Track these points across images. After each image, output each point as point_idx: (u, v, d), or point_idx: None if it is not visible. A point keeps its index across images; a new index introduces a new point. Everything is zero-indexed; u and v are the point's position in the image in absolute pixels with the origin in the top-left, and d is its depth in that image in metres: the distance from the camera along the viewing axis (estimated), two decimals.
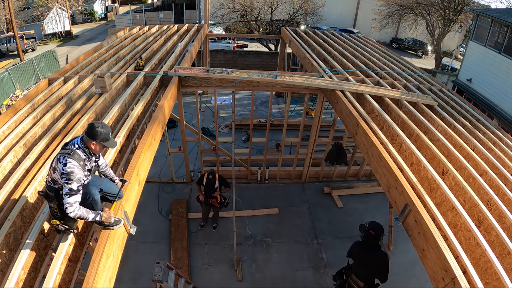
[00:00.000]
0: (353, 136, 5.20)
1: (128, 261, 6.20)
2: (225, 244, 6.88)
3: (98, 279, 2.44)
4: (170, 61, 7.06)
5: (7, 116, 4.29)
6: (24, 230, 2.85)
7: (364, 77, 6.71)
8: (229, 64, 17.49)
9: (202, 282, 6.03)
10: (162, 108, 4.81)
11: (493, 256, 2.81)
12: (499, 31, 12.27)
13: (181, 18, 29.40)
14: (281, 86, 6.72)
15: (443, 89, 6.94)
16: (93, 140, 2.57)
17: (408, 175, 3.78)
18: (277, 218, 7.69)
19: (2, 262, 2.53)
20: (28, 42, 22.75)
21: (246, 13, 20.47)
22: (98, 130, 2.56)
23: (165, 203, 7.90)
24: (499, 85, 12.06)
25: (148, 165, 4.10)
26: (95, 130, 2.56)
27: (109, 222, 2.75)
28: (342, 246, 7.01)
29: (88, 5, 35.63)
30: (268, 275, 6.35)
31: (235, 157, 7.87)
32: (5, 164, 3.33)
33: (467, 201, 3.51)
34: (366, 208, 8.10)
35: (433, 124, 5.09)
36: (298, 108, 13.43)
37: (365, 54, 8.71)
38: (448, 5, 17.99)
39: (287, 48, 12.31)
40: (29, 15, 27.86)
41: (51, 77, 5.85)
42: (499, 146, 4.86)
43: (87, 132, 2.57)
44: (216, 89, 6.60)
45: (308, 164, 8.65)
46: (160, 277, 4.13)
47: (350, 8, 29.21)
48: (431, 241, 3.01)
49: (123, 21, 27.80)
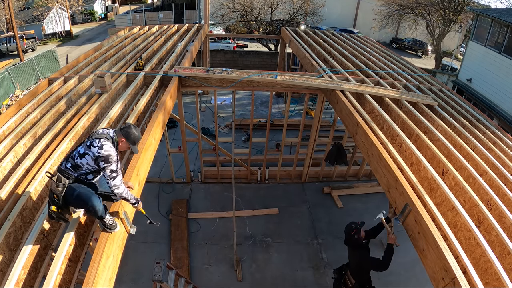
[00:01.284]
0: (353, 136, 5.20)
1: (128, 261, 6.20)
2: (225, 244, 6.88)
3: (98, 279, 2.44)
4: (170, 61, 7.06)
5: (7, 116, 4.29)
6: (24, 230, 2.85)
7: (364, 77, 6.71)
8: (229, 64, 17.48)
9: (202, 282, 6.03)
10: (162, 108, 4.81)
11: (493, 256, 2.81)
12: (499, 31, 12.27)
13: (181, 18, 29.38)
14: (281, 86, 6.72)
15: (443, 89, 6.94)
16: (125, 138, 2.71)
17: (408, 175, 3.78)
18: (277, 218, 7.69)
19: (2, 262, 2.53)
20: (28, 42, 22.73)
21: (246, 13, 20.46)
22: (133, 132, 2.73)
23: (165, 203, 7.90)
24: (499, 85, 12.06)
25: (148, 165, 4.10)
26: (131, 130, 2.72)
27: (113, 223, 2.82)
28: (342, 246, 6.95)
29: (88, 5, 35.61)
30: (268, 275, 6.35)
31: (235, 157, 7.87)
32: (5, 164, 3.33)
33: (467, 201, 3.51)
34: (366, 208, 8.09)
35: (433, 124, 5.09)
36: (298, 108, 13.44)
37: (365, 54, 8.71)
38: (448, 5, 17.99)
39: (287, 48, 12.30)
40: (29, 15, 27.83)
41: (51, 77, 5.85)
42: (499, 146, 4.86)
43: (123, 129, 2.72)
44: (216, 89, 6.60)
45: (308, 164, 8.65)
46: (160, 277, 4.13)
47: (350, 8, 29.18)
48: (431, 241, 3.01)
49: (123, 21, 27.78)
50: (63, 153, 3.62)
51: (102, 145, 2.53)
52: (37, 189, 3.14)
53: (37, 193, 3.14)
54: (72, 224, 2.80)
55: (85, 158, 2.54)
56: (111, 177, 2.60)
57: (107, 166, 2.54)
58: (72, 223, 2.81)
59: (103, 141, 2.55)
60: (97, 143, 2.53)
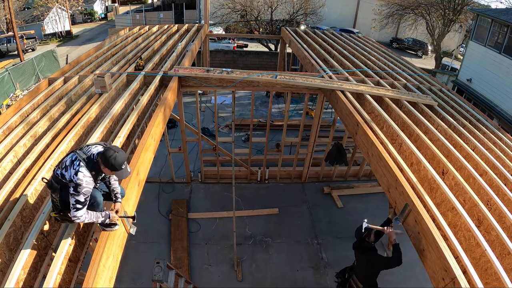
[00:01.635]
0: (353, 136, 5.20)
1: (128, 261, 6.20)
2: (225, 244, 6.88)
3: (98, 279, 2.44)
4: (170, 61, 7.06)
5: (8, 116, 4.29)
6: (24, 230, 2.85)
7: (364, 77, 6.71)
8: (229, 64, 17.48)
9: (202, 282, 6.04)
10: (162, 108, 4.81)
11: (493, 256, 2.81)
12: (499, 31, 12.27)
13: (181, 18, 29.38)
14: (281, 86, 6.72)
15: (443, 89, 6.94)
16: (104, 165, 2.49)
17: (408, 175, 3.78)
18: (277, 218, 7.69)
19: (2, 262, 2.53)
20: (28, 42, 22.73)
21: (246, 13, 20.46)
22: (111, 159, 2.46)
23: (165, 203, 7.90)
24: (499, 85, 12.06)
25: (148, 165, 4.10)
26: (108, 158, 2.46)
27: (114, 221, 2.79)
28: (342, 246, 7.02)
29: (88, 5, 35.60)
30: (268, 275, 6.35)
31: (235, 157, 7.87)
32: (5, 164, 3.33)
33: (467, 201, 3.51)
34: (366, 208, 8.10)
35: (433, 124, 5.09)
36: (298, 108, 13.44)
37: (365, 54, 8.71)
38: (448, 5, 17.99)
39: (287, 48, 12.30)
40: (29, 15, 27.83)
41: (51, 77, 5.85)
42: (499, 146, 4.86)
43: (101, 155, 2.49)
44: (216, 89, 6.60)
45: (308, 164, 8.65)
46: (160, 277, 4.13)
47: (350, 8, 29.18)
48: (431, 241, 3.01)
49: (123, 21, 27.78)
50: (63, 153, 3.62)
51: (78, 171, 2.38)
52: (37, 189, 3.14)
53: (37, 193, 3.13)
54: (72, 224, 2.80)
55: (66, 173, 2.44)
56: (74, 208, 2.41)
57: (74, 194, 2.38)
58: (72, 223, 2.81)
59: (80, 167, 2.39)
60: (76, 166, 2.40)
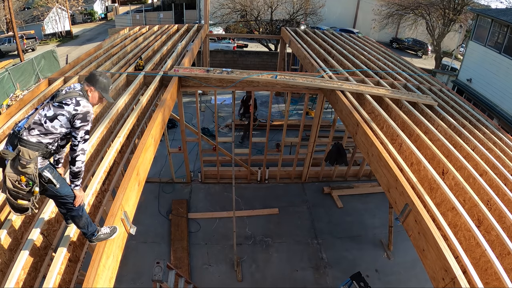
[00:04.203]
0: (353, 136, 5.20)
1: (128, 261, 6.20)
2: (225, 244, 6.88)
3: (98, 279, 2.43)
4: (170, 61, 7.06)
5: (8, 116, 4.29)
6: (24, 230, 2.85)
7: (364, 77, 6.71)
8: (229, 64, 17.47)
9: (202, 282, 6.04)
10: (162, 108, 4.81)
11: (493, 256, 2.81)
12: (499, 31, 12.27)
13: (181, 18, 29.37)
14: (281, 86, 6.72)
15: (443, 89, 6.94)
16: (92, 86, 2.34)
17: (408, 175, 3.78)
18: (277, 218, 7.69)
19: (2, 262, 2.53)
20: (28, 42, 22.73)
21: (246, 13, 20.47)
22: (99, 77, 2.35)
23: (165, 203, 7.90)
24: (499, 85, 12.06)
25: (148, 165, 4.10)
26: (96, 77, 2.35)
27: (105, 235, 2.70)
28: (342, 246, 7.03)
29: (88, 5, 35.61)
30: (268, 275, 6.35)
31: (235, 157, 7.87)
32: None
33: (467, 201, 3.51)
34: (366, 208, 8.10)
35: (433, 124, 5.09)
36: (298, 108, 13.43)
37: (365, 54, 8.71)
38: (448, 5, 17.99)
39: (287, 48, 12.30)
40: (29, 15, 27.84)
41: (51, 77, 5.85)
42: (499, 146, 4.86)
43: (87, 77, 2.37)
44: (216, 89, 6.60)
45: (308, 164, 8.65)
46: (160, 277, 4.13)
47: (350, 8, 29.19)
48: (431, 241, 3.01)
49: (123, 21, 27.78)
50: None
51: (79, 101, 2.22)
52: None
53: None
54: (72, 225, 2.79)
55: (57, 120, 2.16)
56: (84, 139, 2.22)
57: (83, 125, 2.20)
58: None
59: (78, 98, 2.24)
60: (71, 100, 2.21)
